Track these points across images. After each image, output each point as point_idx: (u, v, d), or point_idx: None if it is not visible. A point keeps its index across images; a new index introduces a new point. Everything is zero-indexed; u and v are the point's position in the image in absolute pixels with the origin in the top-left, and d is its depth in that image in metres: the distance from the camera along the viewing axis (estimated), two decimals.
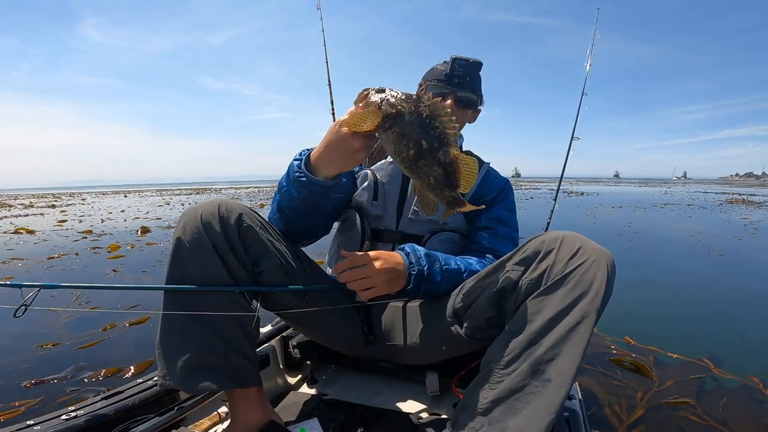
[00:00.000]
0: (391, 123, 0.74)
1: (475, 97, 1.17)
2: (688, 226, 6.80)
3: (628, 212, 8.58)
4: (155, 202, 11.43)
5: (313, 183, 0.87)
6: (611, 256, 0.74)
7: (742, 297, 3.10)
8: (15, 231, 6.68)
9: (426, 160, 0.74)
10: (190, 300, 0.85)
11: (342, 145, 0.81)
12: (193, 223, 0.86)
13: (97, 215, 8.77)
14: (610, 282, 0.71)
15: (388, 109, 0.74)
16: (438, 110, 0.73)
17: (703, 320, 2.64)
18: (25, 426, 0.84)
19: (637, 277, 3.59)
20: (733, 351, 2.10)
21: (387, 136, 0.76)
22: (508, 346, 0.73)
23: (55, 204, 11.98)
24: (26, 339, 2.27)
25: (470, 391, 0.75)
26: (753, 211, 8.27)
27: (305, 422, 0.98)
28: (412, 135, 0.73)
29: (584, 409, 1.03)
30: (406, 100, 0.74)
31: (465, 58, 1.13)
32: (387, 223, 1.13)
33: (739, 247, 5.01)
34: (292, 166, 0.91)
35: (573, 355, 0.68)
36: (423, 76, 1.22)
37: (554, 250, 0.74)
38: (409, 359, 1.10)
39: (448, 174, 0.75)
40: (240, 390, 0.89)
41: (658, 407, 1.57)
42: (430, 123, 0.73)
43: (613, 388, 1.72)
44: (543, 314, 0.71)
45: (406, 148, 0.74)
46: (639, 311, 2.73)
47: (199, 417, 1.05)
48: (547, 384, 0.67)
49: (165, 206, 10.11)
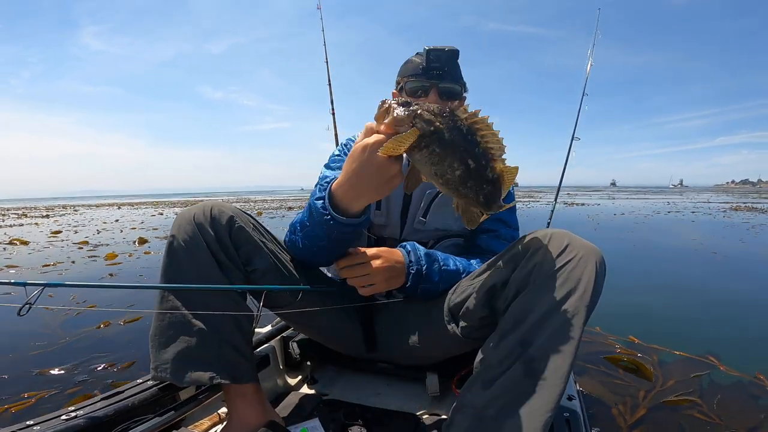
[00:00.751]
0: (428, 142, 0.67)
1: (459, 87, 1.12)
2: (692, 230, 6.80)
3: (630, 219, 8.56)
4: (148, 213, 11.49)
5: (344, 225, 0.82)
6: (600, 252, 0.73)
7: (748, 296, 3.09)
8: (9, 242, 6.67)
9: (474, 181, 0.69)
10: (186, 296, 0.87)
11: (378, 173, 0.73)
12: (187, 225, 0.89)
13: (92, 226, 8.77)
14: (599, 278, 0.71)
15: (425, 127, 0.67)
16: (478, 123, 0.68)
17: (709, 318, 2.63)
18: (24, 426, 0.84)
19: (641, 279, 3.59)
20: (739, 348, 2.09)
21: (423, 157, 0.69)
22: (500, 345, 0.72)
23: (49, 215, 12.06)
24: (22, 338, 2.30)
25: (465, 392, 0.75)
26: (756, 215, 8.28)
27: (306, 422, 0.98)
28: (456, 155, 0.67)
29: (584, 409, 1.03)
30: (441, 115, 0.68)
31: (440, 48, 1.07)
32: (390, 231, 1.11)
33: (743, 250, 5.00)
34: (314, 206, 0.85)
35: (566, 352, 0.67)
36: (398, 71, 1.15)
37: (542, 248, 0.74)
38: (409, 359, 1.10)
39: (496, 188, 0.72)
40: (236, 386, 0.89)
41: (661, 406, 1.56)
42: (473, 139, 0.68)
43: (616, 387, 1.71)
44: (533, 312, 0.70)
45: (451, 169, 0.68)
46: (643, 311, 2.73)
47: (199, 417, 1.05)
48: (541, 383, 0.66)
49: (159, 216, 10.16)
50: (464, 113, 0.68)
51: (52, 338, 2.28)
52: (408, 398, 1.15)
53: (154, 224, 8.44)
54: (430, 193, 1.08)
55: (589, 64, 1.96)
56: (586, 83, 1.94)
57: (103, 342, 2.25)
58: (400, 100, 0.71)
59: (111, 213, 12.39)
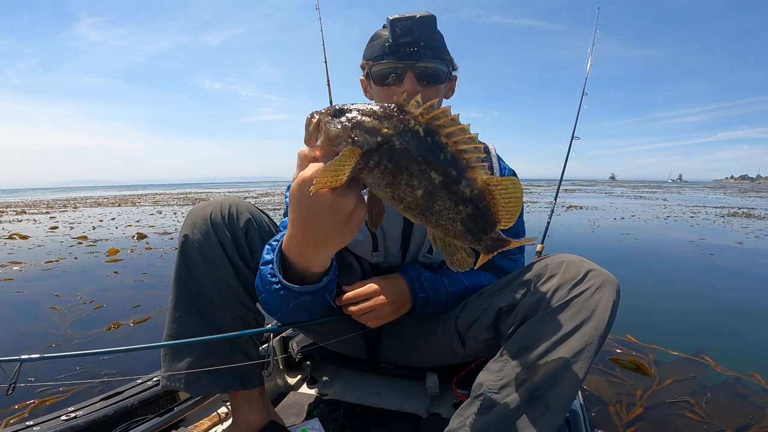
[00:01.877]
0: (377, 157, 0.50)
1: (443, 65, 0.87)
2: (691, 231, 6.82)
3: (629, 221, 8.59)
4: (147, 211, 11.51)
5: (300, 294, 0.67)
6: (617, 282, 0.70)
7: (744, 297, 3.11)
8: (9, 236, 6.64)
9: (443, 200, 0.52)
10: (200, 303, 0.84)
11: (331, 213, 0.55)
12: (202, 223, 0.84)
13: (88, 222, 8.77)
14: (614, 309, 0.68)
15: (369, 139, 0.50)
16: (439, 119, 0.51)
17: (705, 319, 2.64)
18: (24, 427, 0.84)
19: (640, 279, 3.60)
20: (735, 349, 2.10)
21: (375, 179, 0.52)
22: (503, 370, 0.68)
23: (48, 212, 12.10)
24: (35, 339, 2.31)
25: (458, 416, 0.71)
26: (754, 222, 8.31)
27: (306, 422, 0.98)
28: (412, 168, 0.50)
29: (584, 410, 1.03)
30: (387, 117, 0.50)
31: (408, 16, 0.82)
32: (390, 263, 0.98)
33: (740, 252, 5.01)
34: (263, 274, 0.70)
35: (573, 383, 0.65)
36: (363, 54, 0.91)
37: (557, 275, 0.71)
38: (410, 363, 1.10)
39: (481, 211, 0.53)
40: (243, 392, 0.88)
41: (657, 405, 1.58)
42: (435, 141, 0.51)
43: (615, 385, 1.73)
44: (543, 339, 0.67)
45: (410, 189, 0.51)
46: (641, 310, 2.74)
47: (199, 417, 1.05)
48: (544, 411, 0.64)
49: (157, 215, 10.20)
50: (416, 107, 0.51)
51: (60, 341, 2.26)
52: (408, 398, 1.15)
53: (150, 222, 8.43)
54: None
55: (588, 63, 1.96)
56: (586, 82, 1.94)
57: (114, 343, 2.24)
58: (332, 109, 0.53)
59: (108, 210, 12.39)
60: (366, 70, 0.90)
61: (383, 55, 0.85)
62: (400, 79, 0.85)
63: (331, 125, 0.51)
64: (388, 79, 0.85)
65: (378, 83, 0.88)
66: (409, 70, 0.84)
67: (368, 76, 0.90)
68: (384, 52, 0.84)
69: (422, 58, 0.84)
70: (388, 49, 0.84)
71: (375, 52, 0.87)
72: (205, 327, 0.84)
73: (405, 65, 0.84)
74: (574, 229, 6.87)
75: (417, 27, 0.82)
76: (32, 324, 2.51)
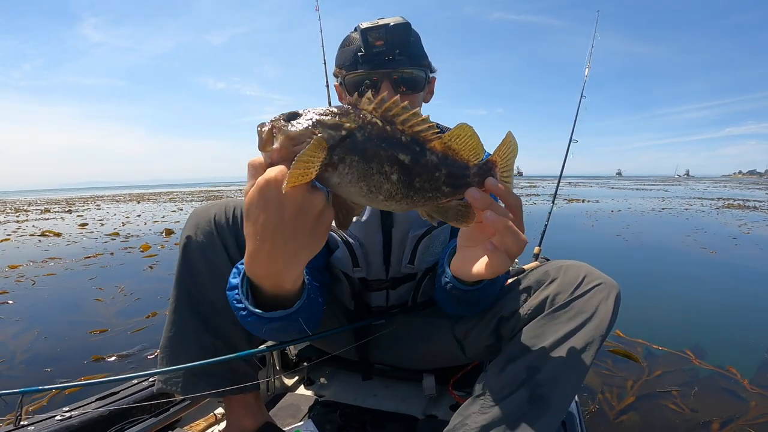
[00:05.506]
0: (342, 153, 0.50)
1: (420, 70, 0.85)
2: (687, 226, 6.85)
3: (626, 215, 8.66)
4: (168, 208, 11.74)
5: (269, 320, 0.61)
6: (617, 286, 0.72)
7: (731, 293, 3.15)
8: (42, 234, 6.72)
9: (420, 176, 0.54)
10: (201, 306, 0.83)
11: (300, 215, 0.50)
12: (206, 224, 0.83)
13: (116, 219, 8.93)
14: (615, 310, 0.69)
15: (334, 134, 0.50)
16: (391, 110, 0.53)
17: (689, 314, 2.69)
18: (19, 426, 0.83)
19: (632, 274, 3.63)
20: (716, 344, 2.15)
21: (342, 177, 0.51)
22: (505, 370, 0.70)
23: (71, 209, 12.26)
24: (77, 327, 2.50)
25: (458, 416, 0.72)
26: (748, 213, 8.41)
27: (300, 424, 0.98)
28: (381, 154, 0.51)
29: (580, 411, 1.03)
30: (344, 114, 0.52)
31: (381, 24, 0.80)
32: (375, 275, 0.95)
33: (732, 246, 5.04)
34: (230, 300, 0.65)
35: (574, 380, 0.66)
36: (336, 59, 0.89)
37: (558, 279, 0.73)
38: (408, 365, 1.10)
39: (453, 164, 0.56)
40: (239, 396, 0.87)
41: (643, 397, 1.62)
42: (392, 129, 0.53)
43: (605, 377, 1.79)
44: (544, 339, 0.68)
45: (383, 176, 0.52)
46: (630, 306, 2.78)
47: (195, 418, 1.04)
48: (545, 409, 0.64)
49: (179, 211, 10.43)
50: (369, 103, 0.53)
51: (105, 327, 2.47)
52: (405, 400, 1.14)
53: (175, 218, 8.64)
54: (414, 237, 0.88)
55: (587, 68, 1.96)
56: (584, 86, 1.94)
57: (150, 331, 2.41)
58: (284, 115, 0.52)
59: (132, 207, 12.60)
60: (339, 78, 0.88)
61: (356, 63, 0.83)
62: (374, 87, 0.83)
63: (290, 126, 0.50)
64: (362, 88, 0.84)
65: (351, 92, 0.86)
66: (386, 79, 0.83)
67: (342, 83, 0.88)
68: (357, 60, 0.82)
69: (399, 66, 0.82)
70: (361, 58, 0.82)
71: (348, 59, 0.84)
72: (205, 331, 0.83)
73: (380, 74, 0.82)
74: (572, 221, 6.96)
75: (390, 35, 0.80)
76: (81, 315, 2.75)
